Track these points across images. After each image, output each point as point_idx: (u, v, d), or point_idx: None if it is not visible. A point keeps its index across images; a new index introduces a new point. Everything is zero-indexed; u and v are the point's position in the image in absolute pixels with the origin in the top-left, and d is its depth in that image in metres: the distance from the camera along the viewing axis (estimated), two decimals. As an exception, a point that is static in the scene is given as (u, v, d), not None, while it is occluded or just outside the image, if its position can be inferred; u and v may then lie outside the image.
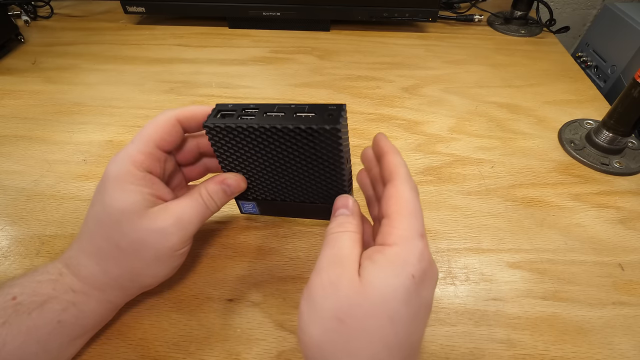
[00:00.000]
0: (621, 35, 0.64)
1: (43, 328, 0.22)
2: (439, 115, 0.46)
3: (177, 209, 0.24)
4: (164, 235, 0.23)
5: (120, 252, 0.23)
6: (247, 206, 0.29)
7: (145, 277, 0.25)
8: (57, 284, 0.23)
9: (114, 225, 0.22)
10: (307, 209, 0.27)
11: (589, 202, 0.36)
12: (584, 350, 0.26)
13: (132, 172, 0.23)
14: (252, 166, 0.26)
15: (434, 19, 0.61)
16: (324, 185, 0.25)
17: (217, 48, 0.59)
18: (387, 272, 0.19)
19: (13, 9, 0.64)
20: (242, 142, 0.24)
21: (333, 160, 0.23)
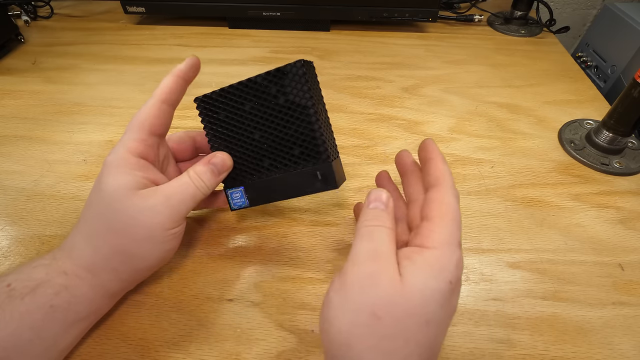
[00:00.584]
0: (621, 35, 0.64)
1: (36, 313, 0.22)
2: (439, 115, 0.46)
3: (167, 189, 0.24)
4: (153, 213, 0.23)
5: (111, 231, 0.23)
6: (236, 196, 0.29)
7: (137, 259, 0.24)
8: (50, 268, 0.23)
9: (107, 205, 0.23)
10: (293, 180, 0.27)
11: (589, 202, 0.36)
12: (584, 350, 0.26)
13: (125, 158, 0.24)
14: (236, 136, 0.27)
15: (434, 19, 0.61)
16: (300, 141, 0.26)
17: (217, 48, 0.59)
18: (427, 274, 0.19)
19: (13, 9, 0.64)
20: (225, 108, 0.27)
21: (303, 105, 0.25)
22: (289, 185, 0.27)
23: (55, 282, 0.23)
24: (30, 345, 0.21)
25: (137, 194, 0.23)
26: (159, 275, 0.29)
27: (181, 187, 0.25)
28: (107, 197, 0.23)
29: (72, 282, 0.23)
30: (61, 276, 0.23)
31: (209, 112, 0.28)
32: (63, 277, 0.23)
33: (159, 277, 0.29)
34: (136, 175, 0.24)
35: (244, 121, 0.27)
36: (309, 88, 0.25)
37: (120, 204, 0.23)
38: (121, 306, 0.28)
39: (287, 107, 0.25)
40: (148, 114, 0.25)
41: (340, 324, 0.19)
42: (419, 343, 0.19)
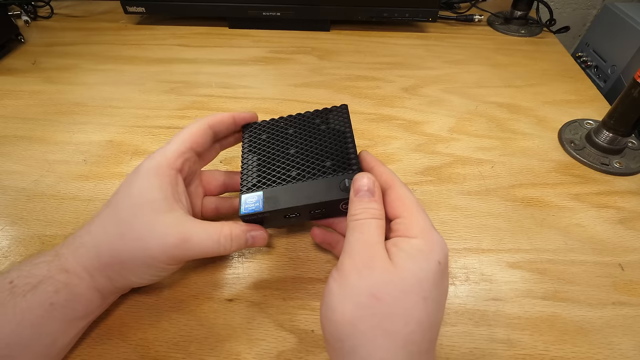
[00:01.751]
0: (621, 35, 0.64)
1: (36, 310, 0.22)
2: (439, 115, 0.46)
3: (190, 230, 0.24)
4: (162, 246, 0.23)
5: (120, 241, 0.23)
6: (251, 200, 0.27)
7: (131, 275, 0.24)
8: (52, 265, 0.23)
9: (130, 212, 0.23)
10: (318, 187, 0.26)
11: (589, 202, 0.36)
12: (584, 350, 0.26)
13: (162, 168, 0.25)
14: (272, 151, 0.29)
15: (434, 19, 0.61)
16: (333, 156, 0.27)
17: (217, 48, 0.59)
18: (418, 258, 0.21)
19: (13, 9, 0.64)
20: (269, 130, 0.30)
21: (342, 131, 0.28)
22: (312, 191, 0.26)
23: (56, 280, 0.23)
24: (31, 343, 0.21)
25: (160, 215, 0.23)
26: (159, 275, 0.29)
27: (204, 237, 0.24)
28: (133, 203, 0.23)
29: (72, 280, 0.23)
30: (62, 274, 0.23)
31: (253, 132, 0.30)
32: (64, 274, 0.23)
33: (159, 277, 0.29)
34: (167, 192, 0.24)
35: (284, 140, 0.29)
36: (349, 120, 0.29)
37: (141, 215, 0.23)
38: (121, 306, 0.28)
39: (327, 131, 0.29)
40: (193, 131, 0.27)
41: (343, 308, 0.20)
42: (419, 321, 0.20)
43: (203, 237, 0.24)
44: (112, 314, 0.27)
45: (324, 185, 0.26)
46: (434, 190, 0.37)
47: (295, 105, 0.47)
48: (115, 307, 0.27)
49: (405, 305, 0.20)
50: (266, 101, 0.48)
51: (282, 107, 0.47)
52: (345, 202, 0.25)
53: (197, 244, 0.24)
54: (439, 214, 0.34)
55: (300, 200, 0.26)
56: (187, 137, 0.26)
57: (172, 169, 0.25)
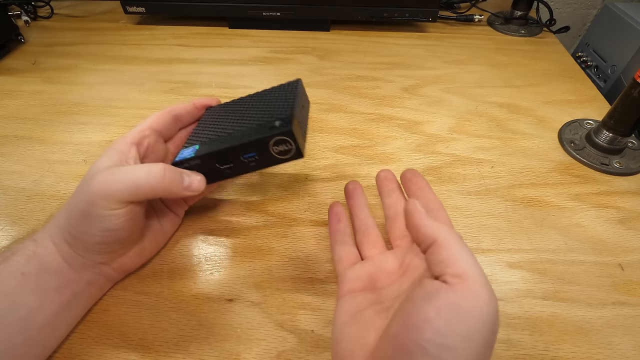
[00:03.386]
0: (621, 35, 0.64)
1: (9, 280, 0.22)
2: (439, 115, 0.46)
3: (117, 167, 0.24)
4: (92, 186, 0.23)
5: (70, 200, 0.25)
6: (186, 152, 0.27)
7: (80, 233, 0.24)
8: (26, 239, 0.24)
9: (83, 182, 0.24)
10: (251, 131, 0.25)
11: (589, 202, 0.36)
12: (584, 350, 0.26)
13: (117, 144, 0.26)
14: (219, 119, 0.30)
15: (434, 19, 0.61)
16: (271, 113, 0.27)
17: (217, 48, 0.59)
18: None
19: (13, 9, 0.64)
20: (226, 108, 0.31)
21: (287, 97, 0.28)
22: (242, 136, 0.25)
23: (27, 249, 0.24)
24: (5, 314, 0.22)
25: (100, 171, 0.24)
26: (159, 275, 0.29)
27: (129, 170, 0.24)
28: (86, 176, 0.25)
29: (40, 249, 0.24)
30: (31, 243, 0.24)
31: (211, 112, 0.32)
32: (33, 244, 0.24)
33: (159, 277, 0.29)
34: (114, 158, 0.25)
35: (233, 110, 0.31)
36: (297, 90, 0.29)
37: (86, 177, 0.24)
38: (121, 306, 0.28)
39: (273, 98, 0.29)
40: (153, 115, 0.29)
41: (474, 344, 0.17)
42: None
43: (129, 169, 0.24)
44: (112, 314, 0.27)
45: (255, 130, 0.25)
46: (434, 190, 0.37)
47: (295, 105, 0.47)
48: (115, 307, 0.27)
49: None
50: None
51: (282, 107, 0.47)
52: (274, 143, 0.24)
53: (121, 175, 0.23)
54: (439, 214, 0.34)
55: (228, 143, 0.25)
56: (146, 120, 0.28)
57: (125, 142, 0.26)
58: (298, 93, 0.28)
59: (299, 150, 0.25)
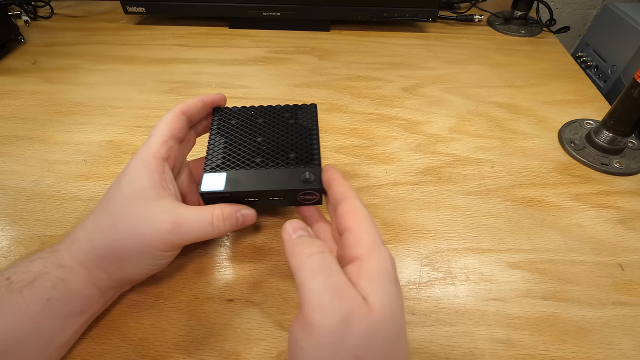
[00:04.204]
0: (621, 35, 0.64)
1: (33, 306, 0.22)
2: (439, 115, 0.46)
3: (182, 214, 0.24)
4: (156, 232, 0.23)
5: (113, 232, 0.23)
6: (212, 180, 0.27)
7: (128, 266, 0.24)
8: (48, 261, 0.23)
9: (121, 204, 0.24)
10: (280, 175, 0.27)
11: (589, 202, 0.36)
12: (584, 350, 0.26)
13: (148, 159, 0.25)
14: (239, 136, 0.29)
15: (434, 19, 0.61)
16: (298, 149, 0.28)
17: (217, 48, 0.59)
18: (382, 286, 0.19)
19: (13, 9, 0.64)
20: (239, 117, 0.31)
21: (309, 128, 0.29)
22: (273, 179, 0.27)
23: (52, 275, 0.23)
24: (29, 339, 0.21)
25: (150, 203, 0.23)
26: (159, 275, 0.29)
27: (196, 220, 0.24)
28: (123, 195, 0.24)
29: (68, 275, 0.23)
30: (58, 269, 0.23)
31: (222, 117, 0.31)
32: (60, 270, 0.23)
33: (159, 277, 0.29)
34: (154, 180, 0.24)
35: (252, 128, 0.30)
36: (316, 119, 0.30)
37: (131, 205, 0.23)
38: (121, 306, 0.28)
39: (295, 126, 0.30)
40: (168, 119, 0.27)
41: None
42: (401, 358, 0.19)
43: (196, 220, 0.24)
44: (112, 314, 0.27)
45: (285, 175, 0.27)
46: (434, 190, 0.37)
47: (295, 105, 0.47)
48: (115, 307, 0.27)
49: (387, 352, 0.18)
50: (266, 101, 0.48)
51: (282, 107, 0.47)
52: (302, 193, 0.27)
53: (190, 227, 0.24)
54: (439, 214, 0.34)
55: (261, 185, 0.26)
56: (164, 126, 0.27)
57: (157, 158, 0.25)
58: (317, 127, 0.30)
59: (322, 199, 0.28)
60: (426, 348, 0.26)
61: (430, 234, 0.33)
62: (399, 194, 0.36)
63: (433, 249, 0.32)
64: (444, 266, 0.31)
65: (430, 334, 0.27)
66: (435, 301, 0.28)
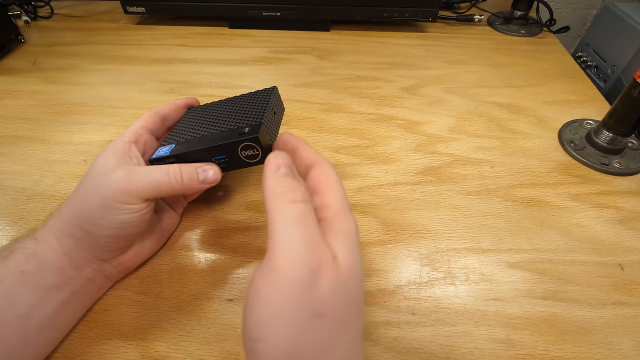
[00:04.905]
0: (621, 35, 0.64)
1: (8, 278, 0.22)
2: (439, 115, 0.46)
3: (137, 168, 0.26)
4: (111, 181, 0.24)
5: (78, 198, 0.25)
6: (162, 150, 0.29)
7: (91, 225, 0.24)
8: (26, 238, 0.24)
9: (87, 181, 0.25)
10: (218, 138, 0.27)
11: (589, 202, 0.36)
12: (584, 350, 0.26)
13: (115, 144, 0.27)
14: (196, 120, 0.31)
15: (434, 19, 0.61)
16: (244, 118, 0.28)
17: (217, 48, 0.59)
18: (350, 246, 0.20)
19: (13, 9, 0.64)
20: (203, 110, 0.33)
21: (260, 104, 0.30)
22: (214, 139, 0.28)
23: (26, 247, 0.24)
24: (4, 312, 0.22)
25: (112, 167, 0.25)
26: (158, 275, 0.29)
27: (150, 170, 0.26)
28: (90, 174, 0.25)
29: (40, 247, 0.24)
30: (31, 241, 0.24)
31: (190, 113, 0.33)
32: (33, 242, 0.24)
33: (159, 277, 0.29)
34: (118, 157, 0.26)
35: (210, 112, 0.32)
36: (271, 97, 0.30)
37: (95, 174, 0.25)
38: (121, 306, 0.28)
39: (248, 104, 0.30)
40: (142, 116, 0.30)
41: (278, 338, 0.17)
42: (357, 323, 0.19)
43: (151, 170, 0.26)
44: (113, 314, 0.27)
45: (226, 134, 0.28)
46: (434, 190, 0.37)
47: (295, 105, 0.47)
48: (115, 307, 0.27)
49: (348, 313, 0.19)
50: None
51: (282, 107, 0.47)
52: (243, 147, 0.27)
53: (145, 175, 0.25)
54: (438, 214, 0.34)
55: (203, 144, 0.28)
56: (137, 121, 0.29)
57: (124, 142, 0.27)
58: (271, 100, 0.30)
59: (265, 156, 0.27)
60: (426, 348, 0.26)
61: (430, 234, 0.33)
62: (399, 194, 0.36)
63: (433, 249, 0.32)
64: (444, 266, 0.31)
65: (430, 334, 0.27)
66: (435, 301, 0.28)
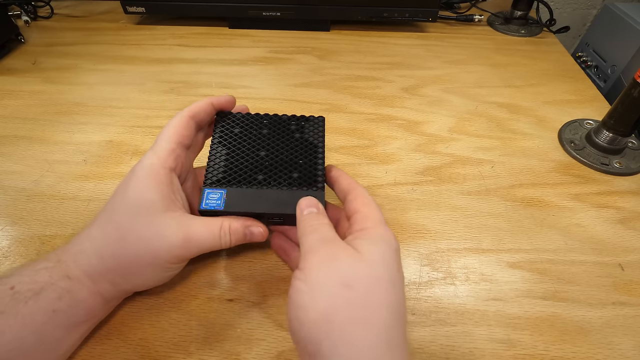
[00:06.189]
0: (621, 35, 0.64)
1: (39, 317, 0.21)
2: (439, 115, 0.46)
3: (191, 229, 0.24)
4: (166, 245, 0.23)
5: (123, 245, 0.23)
6: (213, 197, 0.26)
7: (136, 278, 0.25)
8: (54, 272, 0.23)
9: (129, 216, 0.23)
10: (281, 197, 0.26)
11: (589, 202, 0.36)
12: (584, 350, 0.26)
13: (155, 168, 0.24)
14: (242, 148, 0.28)
15: (434, 19, 0.61)
16: (301, 169, 0.28)
17: (217, 48, 0.59)
18: (380, 245, 0.22)
19: (13, 9, 0.64)
20: (243, 126, 0.29)
21: (315, 144, 0.29)
22: (274, 200, 0.26)
23: (58, 286, 0.22)
24: (33, 349, 0.21)
25: (160, 218, 0.23)
26: (159, 275, 0.29)
27: (205, 234, 0.25)
28: (132, 208, 0.23)
29: (75, 287, 0.23)
30: (64, 280, 0.23)
31: (226, 124, 0.29)
32: (66, 281, 0.23)
33: (159, 277, 0.29)
34: (163, 192, 0.24)
35: (256, 140, 0.29)
36: (323, 134, 0.30)
37: (142, 223, 0.23)
38: (121, 306, 0.28)
39: (301, 141, 0.29)
40: (176, 125, 0.26)
41: (315, 304, 0.20)
42: (389, 305, 0.20)
43: (204, 234, 0.25)
44: (112, 314, 0.27)
45: (287, 197, 0.26)
46: (434, 190, 0.37)
47: (295, 105, 0.47)
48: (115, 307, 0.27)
49: (376, 291, 0.20)
50: (266, 101, 0.48)
51: (282, 107, 0.47)
52: None
53: (199, 241, 0.24)
54: (438, 214, 0.34)
55: (260, 206, 0.26)
56: (172, 133, 0.26)
57: (165, 168, 0.25)
58: (324, 143, 0.29)
59: None
60: (426, 348, 0.26)
61: (430, 234, 0.33)
62: (399, 194, 0.36)
63: (433, 249, 0.32)
64: (444, 266, 0.31)
65: (430, 334, 0.27)
66: (435, 301, 0.28)
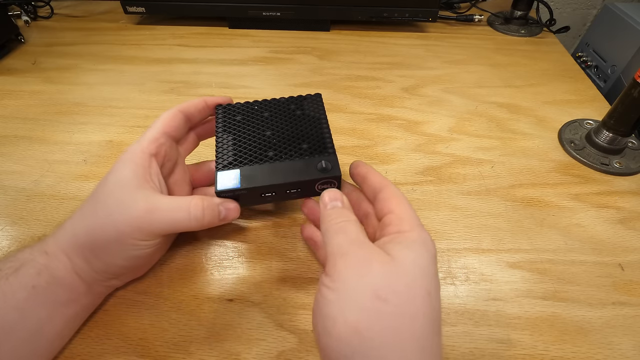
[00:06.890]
0: (621, 35, 0.64)
1: (19, 293, 0.22)
2: (439, 115, 0.46)
3: (157, 201, 0.24)
4: (128, 218, 0.23)
5: (93, 218, 0.24)
6: (228, 177, 0.26)
7: (105, 255, 0.24)
8: (34, 249, 0.24)
9: (104, 194, 0.24)
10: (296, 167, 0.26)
11: (589, 202, 0.36)
12: (584, 350, 0.26)
13: (136, 153, 0.25)
14: (247, 131, 0.29)
15: (434, 19, 0.61)
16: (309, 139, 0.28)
17: (217, 48, 0.59)
18: (418, 250, 0.21)
19: (13, 9, 0.64)
20: (244, 113, 0.30)
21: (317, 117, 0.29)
22: (289, 171, 0.26)
23: (37, 262, 0.23)
24: (16, 327, 0.21)
25: (129, 192, 0.24)
26: (159, 275, 0.29)
27: (170, 208, 0.24)
28: (106, 185, 0.24)
29: (52, 262, 0.23)
30: (43, 256, 0.23)
31: (227, 114, 0.30)
32: (44, 257, 0.23)
33: (159, 277, 0.29)
34: (137, 173, 0.24)
35: (259, 123, 0.29)
36: (323, 107, 0.30)
37: (113, 195, 0.24)
38: (121, 306, 0.28)
39: (303, 117, 0.29)
40: (164, 117, 0.28)
41: (345, 317, 0.18)
42: (426, 315, 0.19)
43: (171, 207, 0.24)
44: (112, 314, 0.27)
45: (301, 166, 0.27)
46: (434, 190, 0.37)
47: (295, 105, 0.47)
48: (115, 307, 0.27)
49: (413, 301, 0.19)
50: (266, 101, 0.48)
51: (282, 107, 0.47)
52: (321, 183, 0.26)
53: (165, 213, 0.24)
54: (439, 214, 0.34)
55: (277, 178, 0.26)
56: (158, 123, 0.27)
57: (144, 152, 0.25)
58: (325, 115, 0.29)
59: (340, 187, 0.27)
60: (426, 348, 0.26)
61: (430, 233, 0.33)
62: (399, 194, 0.36)
63: (433, 249, 0.32)
64: (444, 266, 0.31)
65: (430, 334, 0.27)
66: (435, 301, 0.28)
